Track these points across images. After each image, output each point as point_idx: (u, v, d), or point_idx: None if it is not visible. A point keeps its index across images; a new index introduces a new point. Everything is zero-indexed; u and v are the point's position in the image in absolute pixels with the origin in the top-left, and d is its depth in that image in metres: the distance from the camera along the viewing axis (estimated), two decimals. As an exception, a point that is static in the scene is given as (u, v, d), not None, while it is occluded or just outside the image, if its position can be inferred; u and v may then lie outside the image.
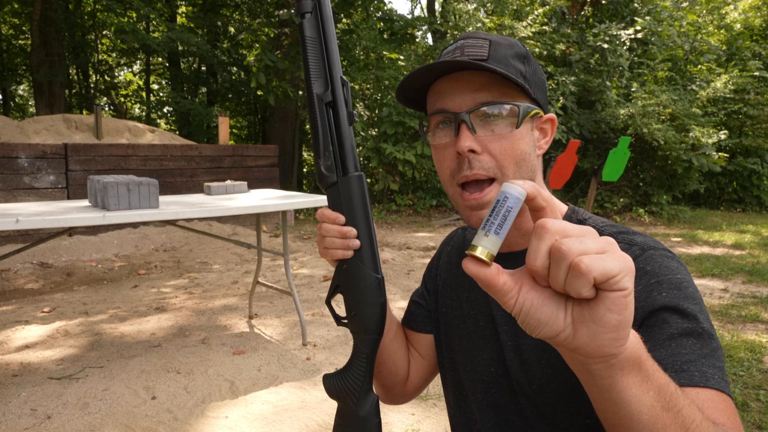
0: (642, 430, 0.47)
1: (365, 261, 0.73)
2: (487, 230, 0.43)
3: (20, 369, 2.85)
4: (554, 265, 0.40)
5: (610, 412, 0.48)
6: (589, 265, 0.38)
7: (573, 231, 0.41)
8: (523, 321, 0.43)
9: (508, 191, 0.43)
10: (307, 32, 0.70)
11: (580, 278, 0.38)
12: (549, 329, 0.42)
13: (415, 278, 4.90)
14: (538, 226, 0.41)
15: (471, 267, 0.43)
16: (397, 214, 9.36)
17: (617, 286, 0.39)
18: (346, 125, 0.72)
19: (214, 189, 3.52)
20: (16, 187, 5.74)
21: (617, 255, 0.39)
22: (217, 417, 2.37)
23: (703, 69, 11.60)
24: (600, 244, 0.40)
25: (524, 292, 0.43)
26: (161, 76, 16.17)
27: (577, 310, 0.41)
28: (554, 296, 0.42)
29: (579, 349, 0.42)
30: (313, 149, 0.74)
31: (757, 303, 4.11)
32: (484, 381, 0.81)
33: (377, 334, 0.74)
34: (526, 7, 10.88)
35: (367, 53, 9.92)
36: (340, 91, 0.72)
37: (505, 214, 0.42)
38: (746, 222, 8.76)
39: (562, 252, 0.39)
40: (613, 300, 0.39)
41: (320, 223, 0.75)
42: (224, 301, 4.20)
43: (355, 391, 0.75)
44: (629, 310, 0.40)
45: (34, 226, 2.27)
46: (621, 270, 0.38)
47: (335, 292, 0.76)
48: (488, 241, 0.42)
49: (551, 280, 0.41)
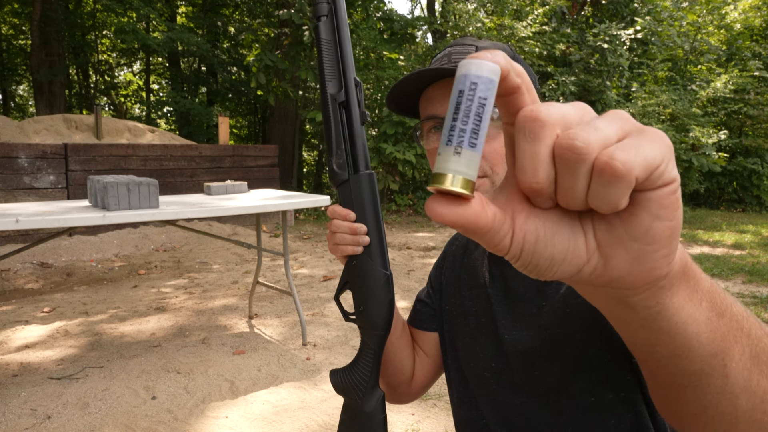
0: (702, 354, 0.36)
1: (374, 257, 0.74)
2: (457, 143, 0.27)
3: (20, 369, 2.85)
4: (567, 174, 0.27)
5: (660, 346, 0.37)
6: (626, 160, 0.25)
7: (573, 114, 0.28)
8: (528, 264, 0.30)
9: (477, 72, 0.27)
10: (323, 35, 0.72)
11: (615, 183, 0.26)
12: (567, 266, 0.30)
13: (415, 278, 4.90)
14: (526, 120, 0.28)
15: (441, 210, 0.28)
16: (397, 214, 9.36)
17: (663, 179, 0.27)
18: (358, 124, 0.74)
19: (214, 189, 3.52)
20: (16, 187, 5.74)
21: (647, 133, 0.27)
22: (217, 417, 2.37)
23: (703, 69, 11.61)
24: (616, 122, 0.28)
25: (520, 224, 0.30)
26: (161, 76, 16.17)
27: (603, 228, 0.29)
28: (564, 217, 0.30)
29: (616, 281, 0.31)
30: (326, 147, 0.75)
31: (757, 303, 4.11)
32: (486, 377, 0.82)
33: (385, 329, 0.75)
34: (526, 7, 10.88)
35: (367, 53, 9.91)
36: (353, 91, 0.73)
37: (478, 111, 0.27)
38: (746, 222, 8.75)
39: (577, 151, 0.26)
40: (660, 201, 0.28)
41: (331, 220, 0.76)
42: (224, 301, 4.20)
43: (362, 386, 0.76)
44: (681, 209, 0.29)
45: (34, 226, 2.27)
46: (663, 155, 0.27)
47: (344, 288, 0.77)
48: (460, 161, 0.27)
49: (562, 195, 0.28)
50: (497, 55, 0.28)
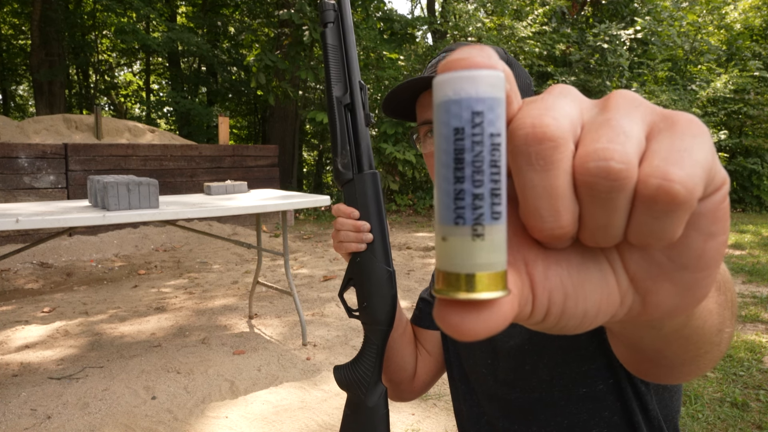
0: (711, 338, 0.34)
1: (378, 254, 0.76)
2: (474, 219, 0.18)
3: (20, 369, 2.85)
4: (599, 208, 0.19)
5: (675, 346, 0.34)
6: (685, 179, 0.18)
7: (575, 111, 0.21)
8: (553, 327, 0.23)
9: (476, 94, 0.18)
10: (329, 40, 0.75)
11: (673, 212, 0.19)
12: (602, 317, 0.23)
13: (415, 278, 4.90)
14: (530, 141, 0.19)
15: (473, 326, 0.19)
16: (397, 214, 9.36)
17: (715, 184, 0.20)
18: (362, 126, 0.76)
19: (214, 189, 3.52)
20: (16, 187, 5.74)
21: (681, 125, 0.20)
22: (217, 417, 2.37)
23: (703, 69, 11.61)
24: (636, 115, 0.20)
25: (540, 280, 0.22)
26: (161, 76, 16.17)
27: (637, 259, 0.22)
28: (587, 255, 0.23)
29: (658, 316, 0.24)
30: (332, 148, 0.78)
31: (757, 303, 4.11)
32: (483, 373, 0.84)
33: (388, 325, 0.77)
34: (526, 7, 10.89)
35: (367, 53, 9.92)
36: (359, 94, 0.76)
37: (493, 157, 0.18)
38: (746, 222, 8.75)
39: (615, 176, 0.18)
40: (713, 213, 0.21)
41: (336, 218, 0.77)
42: (224, 301, 4.20)
43: (365, 381, 0.77)
44: (729, 217, 0.22)
45: (34, 226, 2.27)
46: (712, 152, 0.20)
47: (348, 284, 0.79)
48: (484, 247, 0.18)
49: (592, 235, 0.21)
50: (485, 52, 0.19)
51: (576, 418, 0.74)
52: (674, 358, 0.36)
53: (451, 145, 0.18)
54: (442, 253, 0.19)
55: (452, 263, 0.18)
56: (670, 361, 0.37)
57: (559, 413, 0.75)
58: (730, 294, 0.37)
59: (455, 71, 0.18)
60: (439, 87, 0.18)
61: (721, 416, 2.37)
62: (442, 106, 0.18)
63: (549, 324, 0.23)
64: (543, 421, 0.77)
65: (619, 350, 0.41)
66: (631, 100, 0.21)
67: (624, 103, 0.21)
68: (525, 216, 0.21)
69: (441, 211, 0.19)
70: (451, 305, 0.19)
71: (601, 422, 0.73)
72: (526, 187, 0.20)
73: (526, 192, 0.20)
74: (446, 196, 0.18)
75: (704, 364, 0.39)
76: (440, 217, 0.19)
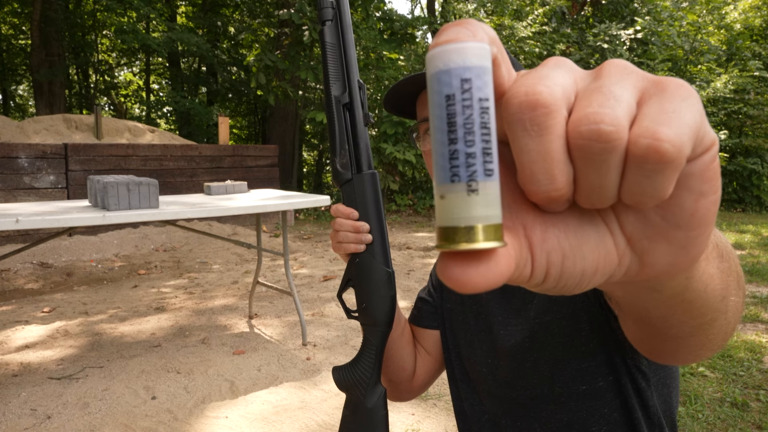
0: (715, 305, 0.35)
1: (377, 255, 0.75)
2: (468, 176, 0.20)
3: (20, 369, 2.85)
4: (592, 169, 0.21)
5: (679, 313, 0.34)
6: (674, 138, 0.19)
7: (568, 79, 0.22)
8: (553, 287, 0.25)
9: (463, 62, 0.19)
10: (328, 38, 0.74)
11: (663, 170, 0.20)
12: (599, 276, 0.24)
13: (415, 278, 4.90)
14: (524, 109, 0.20)
15: (471, 277, 0.20)
16: (397, 214, 9.37)
17: (704, 144, 0.21)
18: (361, 126, 0.75)
19: (214, 189, 3.52)
20: (16, 187, 5.74)
21: (670, 88, 0.21)
22: (217, 417, 2.37)
23: (703, 69, 11.60)
24: (628, 81, 0.21)
25: (538, 242, 0.23)
26: (161, 76, 16.17)
27: (633, 220, 0.24)
28: (584, 217, 0.24)
29: (655, 277, 0.25)
30: (330, 148, 0.77)
31: (757, 303, 4.11)
32: (484, 372, 0.85)
33: (387, 326, 0.77)
34: (526, 7, 10.89)
35: (367, 53, 9.91)
36: (357, 93, 0.75)
37: (482, 120, 0.20)
38: (746, 222, 8.75)
39: (606, 137, 0.19)
40: (703, 173, 0.22)
41: (334, 218, 0.77)
42: (224, 301, 4.20)
43: (364, 382, 0.77)
44: (719, 177, 0.23)
45: (34, 226, 2.27)
46: (700, 113, 0.21)
47: (347, 285, 0.78)
48: (479, 201, 0.20)
49: (587, 196, 0.22)
50: (471, 26, 0.20)
51: (576, 415, 0.75)
52: (681, 326, 0.37)
53: (444, 110, 0.20)
54: (441, 210, 0.20)
55: (451, 218, 0.20)
56: (677, 331, 0.38)
57: (560, 410, 0.76)
58: (733, 263, 0.37)
59: (444, 45, 0.20)
60: (431, 61, 0.20)
61: (721, 416, 2.37)
62: (434, 77, 0.20)
63: (549, 284, 0.24)
64: (544, 418, 0.77)
65: (629, 329, 0.42)
66: (623, 68, 0.22)
67: (616, 71, 0.22)
68: (522, 180, 0.22)
69: (438, 172, 0.20)
70: (452, 258, 0.21)
71: (600, 419, 0.74)
72: (522, 152, 0.21)
73: (522, 157, 0.21)
74: (442, 158, 0.20)
75: (713, 335, 0.38)
76: (438, 178, 0.20)
